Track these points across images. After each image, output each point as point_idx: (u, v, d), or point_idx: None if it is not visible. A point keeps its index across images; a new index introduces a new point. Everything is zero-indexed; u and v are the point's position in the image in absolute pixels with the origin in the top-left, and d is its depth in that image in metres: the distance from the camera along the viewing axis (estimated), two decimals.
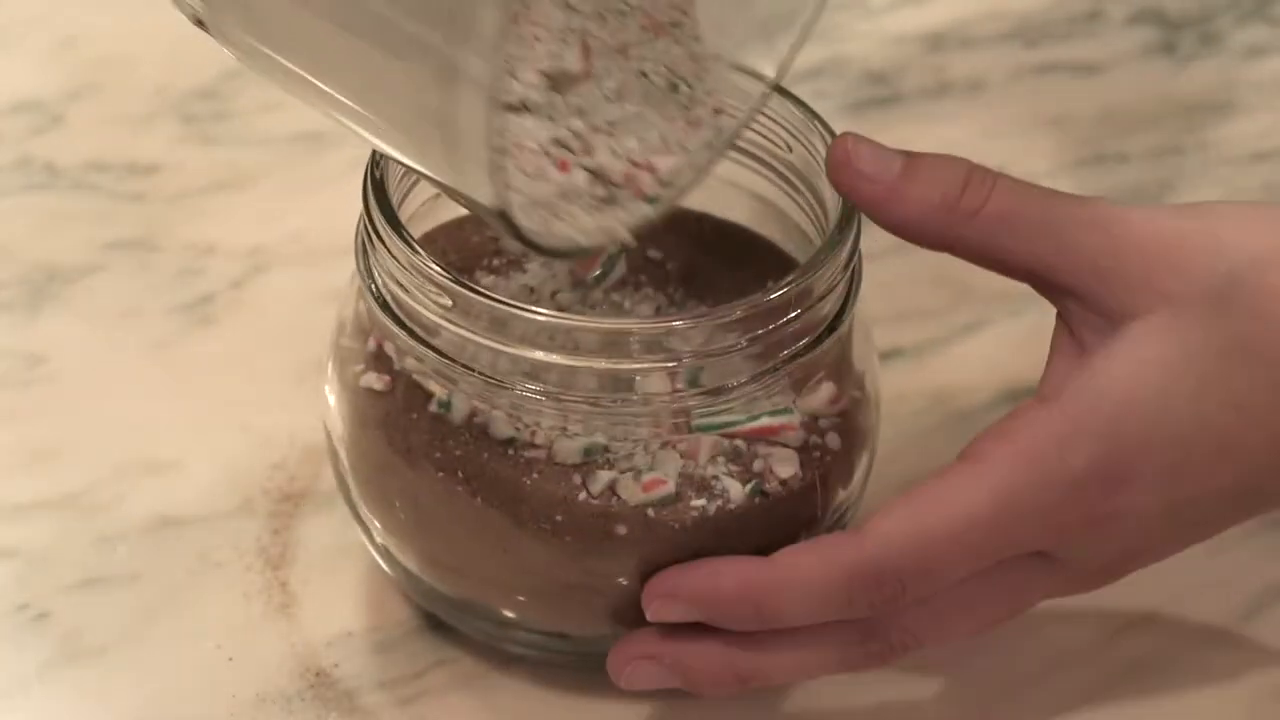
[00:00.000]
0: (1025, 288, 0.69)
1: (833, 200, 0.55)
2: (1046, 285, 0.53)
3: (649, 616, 0.53)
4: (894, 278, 0.56)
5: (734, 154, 0.57)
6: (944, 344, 0.69)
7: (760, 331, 0.52)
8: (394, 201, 0.54)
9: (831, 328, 0.54)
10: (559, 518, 0.53)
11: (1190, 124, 0.79)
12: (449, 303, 0.52)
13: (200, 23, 0.52)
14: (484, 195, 0.48)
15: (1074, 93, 0.80)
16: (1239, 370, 0.50)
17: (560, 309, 0.56)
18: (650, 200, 0.52)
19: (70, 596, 0.60)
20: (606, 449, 0.53)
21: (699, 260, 0.59)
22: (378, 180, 0.54)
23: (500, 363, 0.52)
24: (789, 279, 0.53)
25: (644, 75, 0.52)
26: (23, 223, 0.72)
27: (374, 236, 0.54)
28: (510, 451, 0.53)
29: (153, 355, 0.68)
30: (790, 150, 0.57)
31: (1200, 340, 0.50)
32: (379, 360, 0.56)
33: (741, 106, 0.55)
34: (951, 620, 0.53)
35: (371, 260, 0.54)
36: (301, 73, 0.51)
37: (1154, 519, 0.51)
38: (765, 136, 0.57)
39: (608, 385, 0.52)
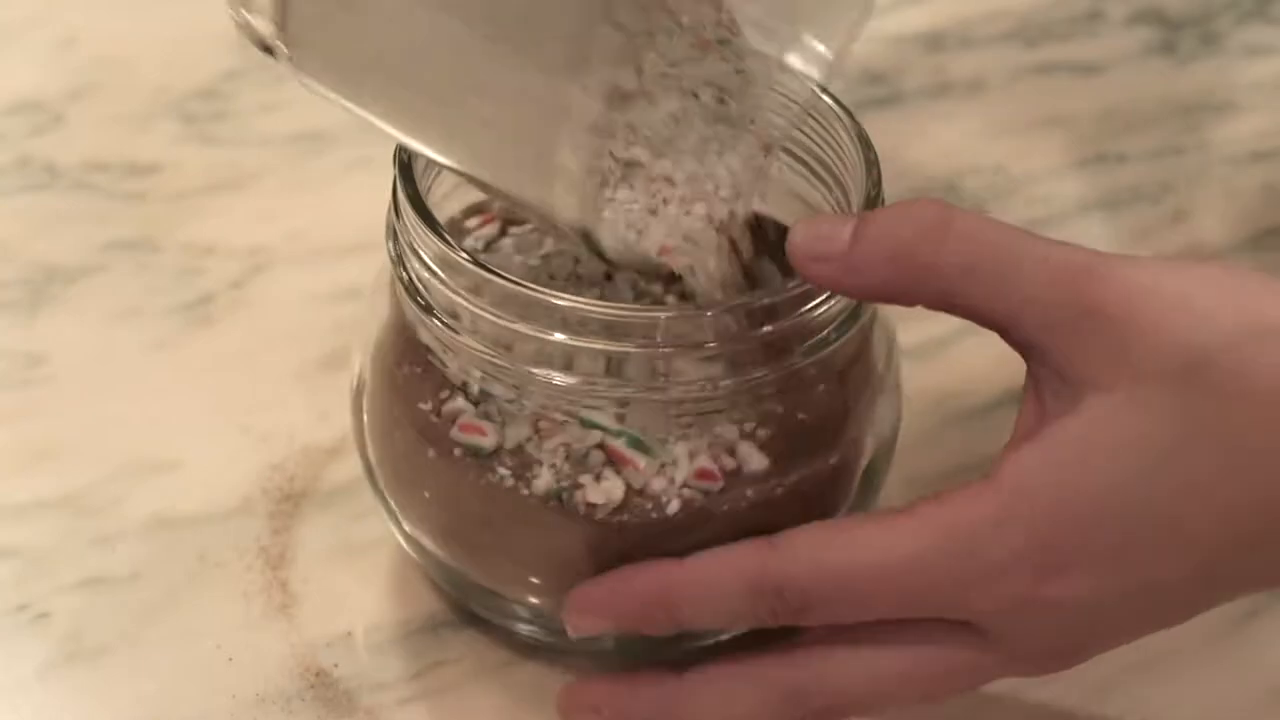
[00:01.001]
0: None
1: (856, 191, 0.55)
2: (1013, 340, 0.51)
3: (570, 633, 0.53)
4: None
5: None
6: (944, 344, 0.69)
7: (788, 319, 0.52)
8: (422, 187, 0.54)
9: (853, 317, 0.54)
10: (587, 506, 0.53)
11: (1190, 124, 0.79)
12: (475, 289, 0.52)
13: (268, 49, 0.52)
14: (571, 216, 0.48)
15: (1074, 93, 0.80)
16: (1198, 454, 0.48)
17: (585, 285, 0.56)
18: (714, 218, 0.52)
19: (70, 596, 0.60)
20: (645, 436, 0.53)
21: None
22: (405, 164, 0.54)
23: (529, 349, 0.52)
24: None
25: (695, 96, 0.53)
26: (22, 223, 0.73)
27: (402, 223, 0.54)
28: (538, 440, 0.53)
29: (153, 355, 0.68)
30: (816, 141, 0.57)
31: (1160, 419, 0.48)
32: (410, 349, 0.55)
33: (788, 110, 0.54)
34: (881, 684, 0.52)
35: (401, 247, 0.54)
36: (385, 127, 0.51)
37: (1098, 605, 0.49)
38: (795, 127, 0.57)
39: (644, 373, 0.52)
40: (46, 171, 0.75)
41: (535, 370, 0.52)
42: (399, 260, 0.54)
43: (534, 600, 0.57)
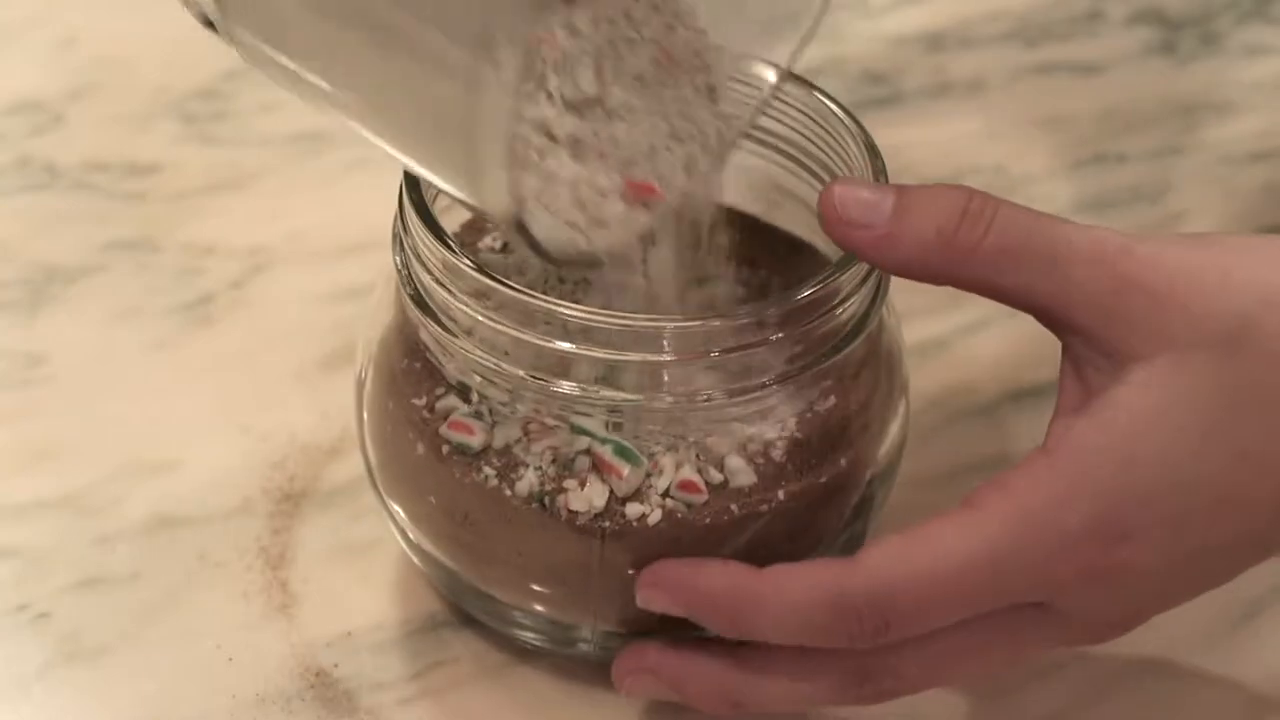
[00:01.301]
0: None
1: None
2: (1050, 321, 0.51)
3: (638, 602, 0.53)
4: (894, 278, 0.56)
5: (764, 150, 0.57)
6: (944, 344, 0.69)
7: (792, 330, 0.52)
8: (428, 195, 0.54)
9: (862, 324, 0.54)
10: (569, 512, 0.53)
11: (1190, 124, 0.79)
12: (480, 297, 0.52)
13: (209, 24, 0.52)
14: (500, 204, 0.48)
15: (1074, 93, 0.80)
16: (1246, 417, 0.49)
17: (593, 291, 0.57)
18: (658, 206, 0.52)
19: (70, 596, 0.60)
20: (634, 445, 0.53)
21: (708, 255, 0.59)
22: (412, 175, 0.54)
23: (527, 354, 0.52)
24: (824, 275, 0.52)
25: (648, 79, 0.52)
26: (22, 223, 0.73)
27: (407, 230, 0.54)
28: (526, 442, 0.54)
29: (153, 355, 0.68)
30: (823, 150, 0.57)
31: (1206, 386, 0.49)
32: (409, 347, 0.55)
33: (748, 102, 0.54)
34: (945, 666, 0.52)
35: (406, 254, 0.54)
36: (315, 80, 0.51)
37: (1157, 572, 0.50)
38: (796, 130, 0.57)
39: (640, 383, 0.52)
40: (46, 171, 0.75)
41: (532, 375, 0.52)
42: (403, 265, 0.54)
43: (527, 605, 0.57)
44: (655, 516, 0.53)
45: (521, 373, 0.52)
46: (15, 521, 0.62)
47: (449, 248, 0.52)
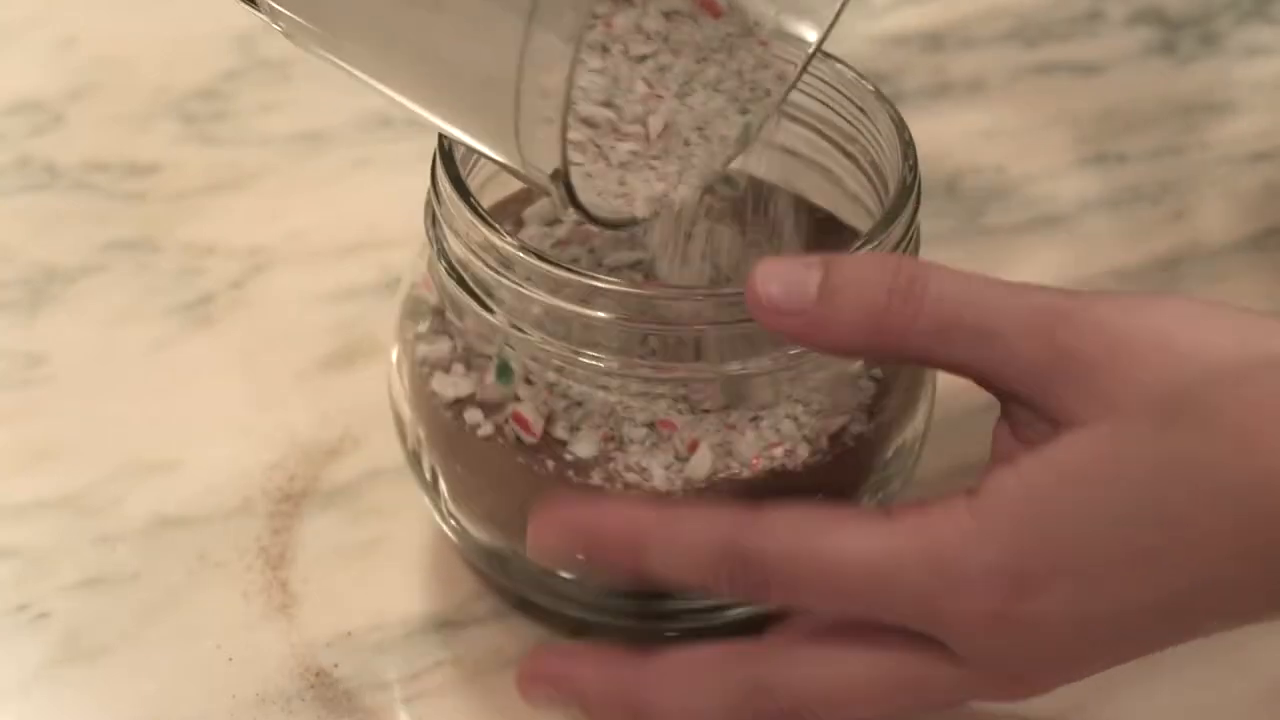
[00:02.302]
0: None
1: (892, 175, 0.55)
2: (989, 388, 0.51)
3: (529, 537, 0.52)
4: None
5: (795, 125, 0.57)
6: None
7: None
8: (462, 171, 0.54)
9: None
10: (631, 487, 0.54)
11: (1190, 124, 0.79)
12: (514, 270, 0.52)
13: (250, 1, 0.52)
14: (546, 164, 0.47)
15: (1074, 93, 0.80)
16: (1177, 488, 0.47)
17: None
18: (699, 164, 0.52)
19: (70, 596, 0.60)
20: (674, 416, 0.53)
21: (757, 229, 0.59)
22: (446, 150, 0.54)
23: (562, 328, 0.52)
24: (856, 245, 0.52)
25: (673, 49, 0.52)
26: (22, 223, 0.73)
27: (444, 209, 0.54)
28: (572, 419, 0.54)
29: (153, 355, 0.68)
30: (851, 123, 0.57)
31: (1139, 454, 0.48)
32: (446, 327, 0.56)
33: (787, 69, 0.54)
34: (845, 696, 0.51)
35: (441, 230, 0.54)
36: (357, 48, 0.51)
37: (1067, 632, 0.49)
38: (828, 106, 0.57)
39: (668, 353, 0.52)
40: (46, 171, 0.75)
41: (582, 353, 0.53)
42: (437, 242, 0.54)
43: (569, 575, 0.57)
44: (759, 472, 0.53)
45: (581, 351, 0.53)
46: (15, 521, 0.62)
47: (485, 220, 0.53)
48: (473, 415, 0.55)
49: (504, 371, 0.55)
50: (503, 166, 0.50)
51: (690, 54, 0.53)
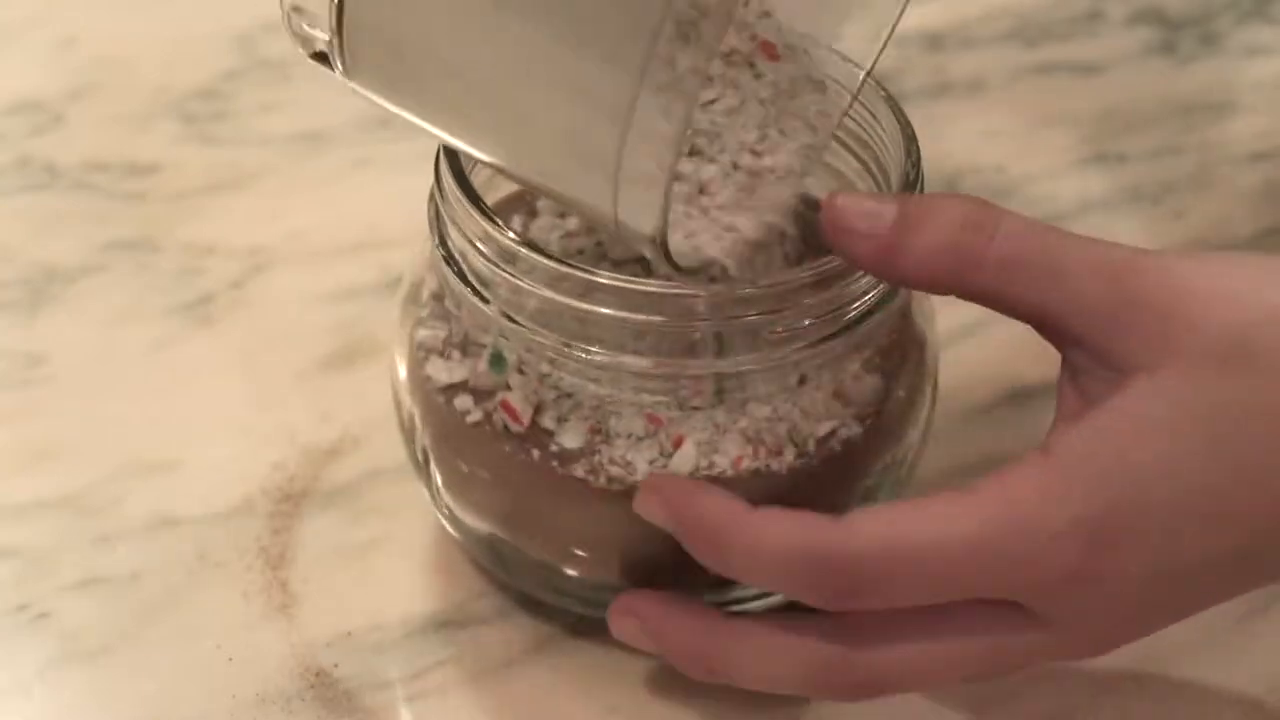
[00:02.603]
0: None
1: (894, 168, 0.55)
2: (1053, 332, 0.51)
3: (635, 505, 0.53)
4: None
5: None
6: (944, 344, 0.69)
7: (821, 298, 0.52)
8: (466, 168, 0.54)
9: (893, 293, 0.54)
10: (615, 480, 0.54)
11: (1190, 124, 0.79)
12: (511, 263, 0.52)
13: (321, 57, 0.51)
14: (645, 225, 0.48)
15: (1074, 93, 0.81)
16: (1247, 432, 0.48)
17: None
18: (771, 200, 0.52)
19: (70, 596, 0.60)
20: (662, 411, 0.54)
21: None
22: (450, 150, 0.54)
23: (556, 320, 0.52)
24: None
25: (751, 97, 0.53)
26: (22, 223, 0.73)
27: (446, 203, 0.54)
28: (561, 410, 0.54)
29: (153, 355, 0.68)
30: (853, 116, 0.57)
31: (1208, 400, 0.49)
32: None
33: (837, 97, 0.55)
34: (921, 666, 0.51)
35: (442, 220, 0.54)
36: (442, 109, 0.51)
37: (1144, 585, 0.50)
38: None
39: (668, 348, 0.52)
40: (46, 171, 0.75)
41: (573, 346, 0.53)
42: (437, 230, 0.55)
43: (572, 571, 0.57)
44: (757, 471, 0.54)
45: (579, 346, 0.53)
46: (15, 521, 0.62)
47: (489, 217, 0.53)
48: (463, 402, 0.55)
49: (497, 361, 0.55)
50: (582, 216, 0.51)
51: (752, 96, 0.53)
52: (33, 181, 0.74)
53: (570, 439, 0.54)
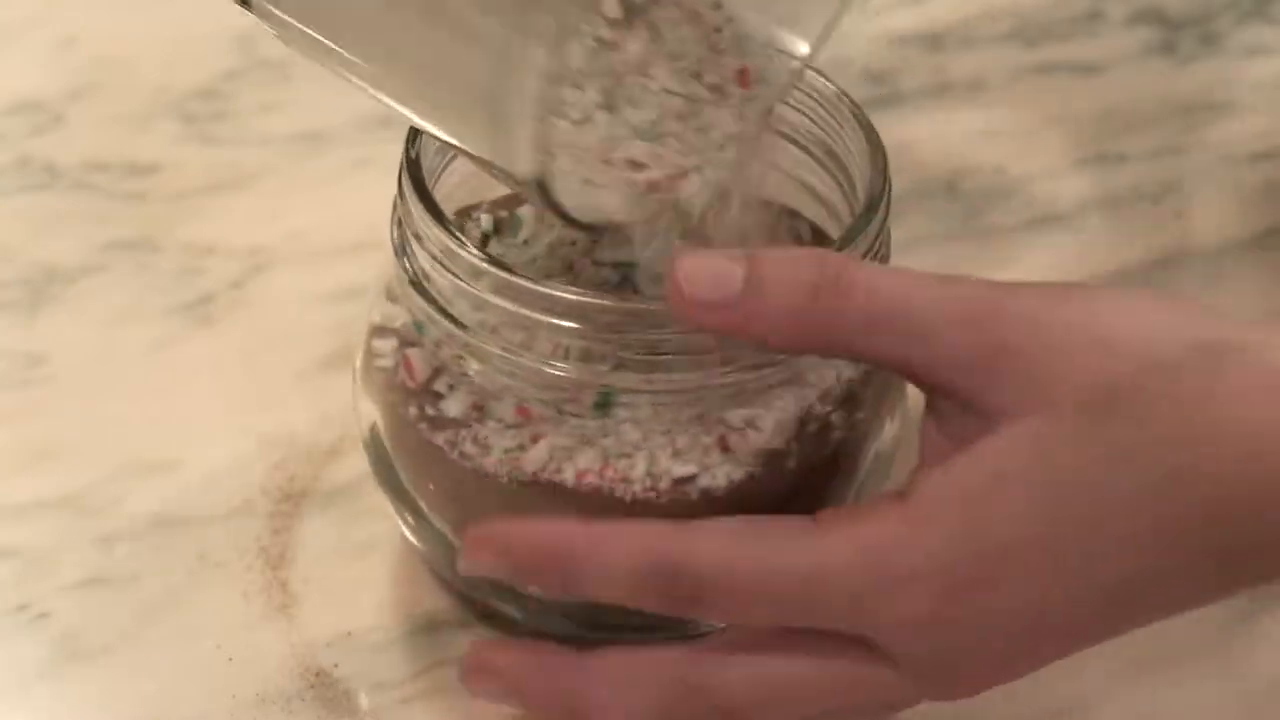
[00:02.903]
0: None
1: (861, 178, 0.55)
2: (918, 383, 0.50)
3: (460, 567, 0.52)
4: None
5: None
6: None
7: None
8: (429, 181, 0.54)
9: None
10: (466, 456, 0.54)
11: (1190, 124, 0.79)
12: (480, 282, 0.52)
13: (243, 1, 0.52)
14: (523, 165, 0.47)
15: (1074, 93, 0.80)
16: (1110, 483, 0.47)
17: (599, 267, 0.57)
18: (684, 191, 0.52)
19: (70, 596, 0.60)
20: (633, 425, 0.53)
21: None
22: (414, 159, 0.54)
23: (528, 339, 0.53)
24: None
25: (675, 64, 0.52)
26: (22, 223, 0.73)
27: (409, 217, 0.54)
28: (453, 376, 0.54)
29: (153, 355, 0.68)
30: (820, 127, 0.57)
31: (1073, 448, 0.48)
32: (409, 340, 0.56)
33: (773, 84, 0.54)
34: (780, 695, 0.51)
35: (406, 240, 0.54)
36: (339, 47, 0.51)
37: (1001, 631, 0.49)
38: (799, 112, 0.57)
39: (641, 364, 0.52)
40: (46, 171, 0.75)
41: (537, 360, 0.53)
42: (401, 248, 0.55)
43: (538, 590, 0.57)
44: (721, 487, 0.53)
45: (521, 357, 0.53)
46: (15, 521, 0.62)
47: (450, 233, 0.53)
48: (380, 344, 0.56)
49: (419, 324, 0.55)
50: (480, 163, 0.50)
51: (678, 41, 0.53)
52: (33, 181, 0.74)
53: (453, 407, 0.54)
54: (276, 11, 0.51)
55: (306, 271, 0.71)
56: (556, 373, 0.52)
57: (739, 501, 0.53)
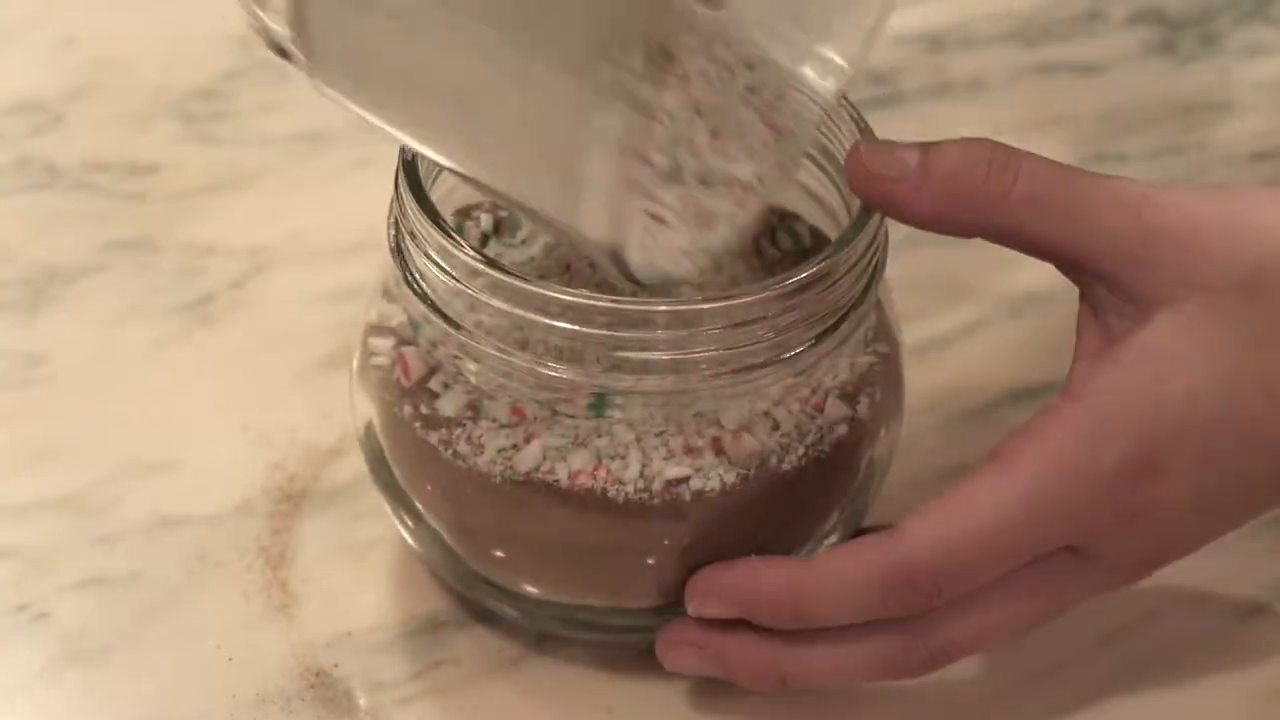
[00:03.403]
0: (1025, 288, 0.69)
1: None
2: (1074, 268, 0.52)
3: (690, 612, 0.54)
4: (893, 278, 0.56)
5: None
6: (944, 344, 0.69)
7: (791, 308, 0.52)
8: (425, 181, 0.54)
9: (859, 302, 0.54)
10: (460, 456, 0.54)
11: (1190, 124, 0.79)
12: (475, 282, 0.52)
13: (283, 53, 0.51)
14: (600, 235, 0.48)
15: (1074, 93, 0.80)
16: (1271, 357, 0.50)
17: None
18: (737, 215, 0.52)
19: (70, 596, 0.60)
20: (626, 426, 0.53)
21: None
22: (410, 160, 0.54)
23: (522, 339, 0.52)
24: (823, 254, 0.52)
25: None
26: (22, 223, 0.73)
27: (404, 216, 0.54)
28: (448, 375, 0.54)
29: (153, 355, 0.68)
30: (818, 129, 0.57)
31: (1230, 329, 0.50)
32: (405, 339, 0.56)
33: (808, 113, 0.55)
34: (992, 625, 0.53)
35: (402, 239, 0.54)
36: (403, 125, 0.52)
37: (1185, 510, 0.51)
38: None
39: (635, 365, 0.52)
40: (46, 171, 0.75)
41: (533, 362, 0.52)
42: (396, 247, 0.55)
43: (537, 590, 0.57)
44: (719, 486, 0.53)
45: (515, 357, 0.53)
46: (15, 521, 0.62)
47: (445, 231, 0.53)
48: (376, 343, 0.56)
49: (415, 323, 0.55)
50: (545, 223, 0.50)
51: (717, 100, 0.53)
52: (33, 181, 0.74)
53: (447, 406, 0.54)
54: (327, 87, 0.51)
55: (306, 271, 0.71)
56: (550, 373, 0.52)
57: (732, 504, 0.54)
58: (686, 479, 0.54)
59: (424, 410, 0.55)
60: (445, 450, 0.54)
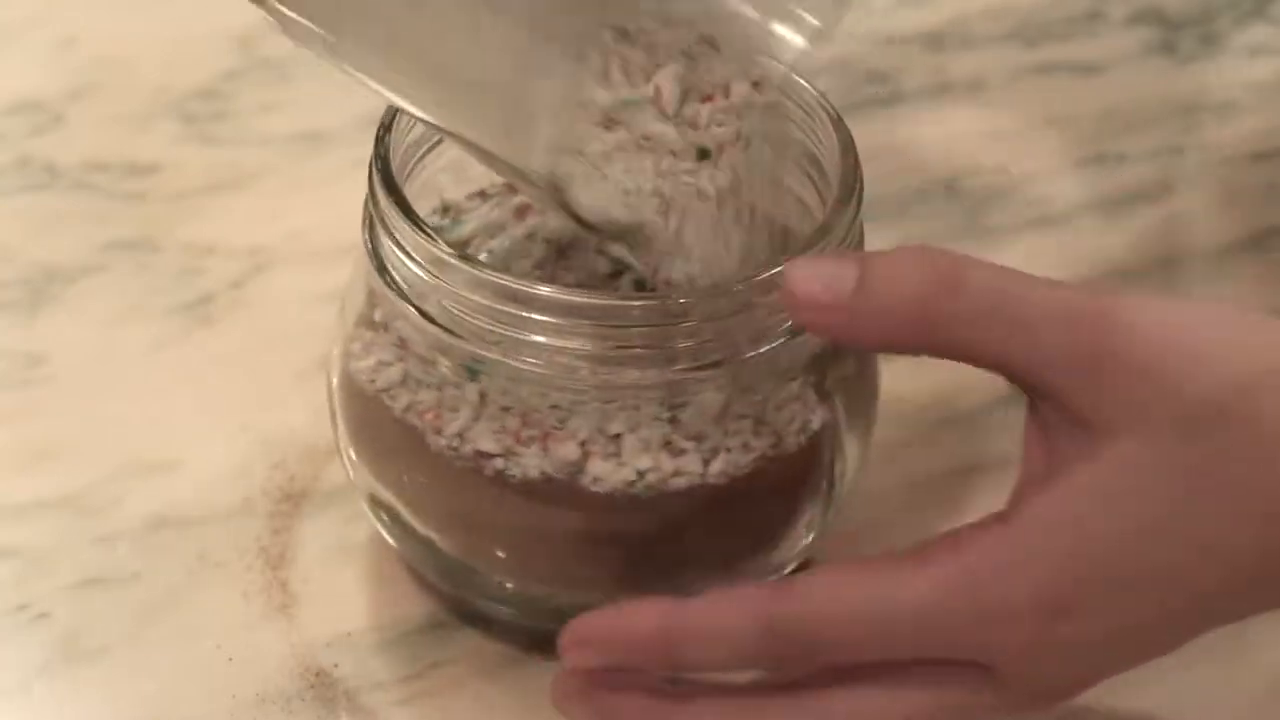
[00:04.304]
0: None
1: (834, 175, 0.55)
2: (1023, 384, 0.50)
3: (567, 665, 0.52)
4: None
5: None
6: None
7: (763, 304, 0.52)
8: (399, 179, 0.54)
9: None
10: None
11: (1190, 124, 0.79)
12: (450, 277, 0.52)
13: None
14: (540, 165, 0.48)
15: (1074, 93, 0.80)
16: (1206, 505, 0.48)
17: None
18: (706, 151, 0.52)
19: (70, 596, 0.60)
20: (605, 422, 0.53)
21: None
22: (384, 155, 0.54)
23: (498, 336, 0.52)
24: (795, 250, 0.52)
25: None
26: (22, 223, 0.73)
27: (379, 213, 0.54)
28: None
29: (153, 355, 0.68)
30: (794, 124, 0.57)
31: (1173, 471, 0.48)
32: (382, 335, 0.56)
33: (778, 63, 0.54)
34: (871, 707, 0.51)
35: (375, 232, 0.54)
36: (356, 46, 0.51)
37: (1098, 646, 0.50)
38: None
39: (606, 359, 0.52)
40: (46, 171, 0.75)
41: (501, 355, 0.53)
42: (371, 241, 0.55)
43: (514, 585, 0.57)
44: (698, 478, 0.53)
45: (518, 356, 0.52)
46: (15, 521, 0.62)
47: (417, 225, 0.53)
48: (355, 336, 0.57)
49: (390, 319, 0.55)
50: (490, 162, 0.50)
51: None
52: (33, 181, 0.74)
53: (422, 403, 0.54)
54: (290, 13, 0.51)
55: (306, 271, 0.71)
56: (526, 367, 0.52)
57: (706, 500, 0.54)
58: (662, 474, 0.53)
59: (400, 406, 0.55)
60: (421, 446, 0.54)
